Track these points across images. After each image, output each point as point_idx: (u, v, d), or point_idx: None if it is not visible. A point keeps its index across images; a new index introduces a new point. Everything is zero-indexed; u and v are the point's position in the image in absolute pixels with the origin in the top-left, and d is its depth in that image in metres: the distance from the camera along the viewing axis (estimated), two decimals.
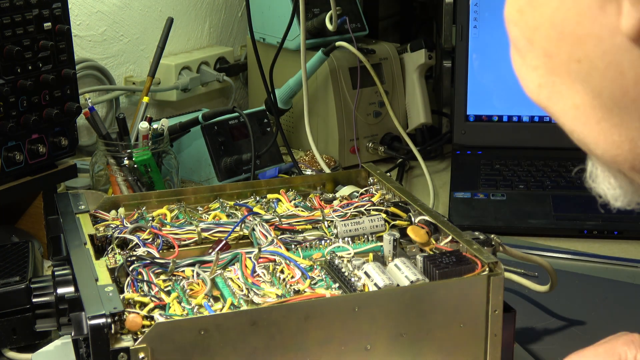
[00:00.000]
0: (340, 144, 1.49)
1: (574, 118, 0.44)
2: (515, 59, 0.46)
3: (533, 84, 0.45)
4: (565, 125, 0.45)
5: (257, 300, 0.72)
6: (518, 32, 0.45)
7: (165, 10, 1.60)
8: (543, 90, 0.45)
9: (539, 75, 0.44)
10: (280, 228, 0.86)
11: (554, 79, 0.44)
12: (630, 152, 0.43)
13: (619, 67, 0.40)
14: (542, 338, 0.97)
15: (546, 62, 0.44)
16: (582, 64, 0.42)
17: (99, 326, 0.64)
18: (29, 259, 0.95)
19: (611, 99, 0.42)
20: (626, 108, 0.41)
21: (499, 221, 1.27)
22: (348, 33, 1.47)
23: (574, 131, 0.45)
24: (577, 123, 0.44)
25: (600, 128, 0.43)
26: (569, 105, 0.44)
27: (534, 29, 0.43)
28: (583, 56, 0.41)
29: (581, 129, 0.44)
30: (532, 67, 0.45)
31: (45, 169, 1.13)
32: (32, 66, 1.07)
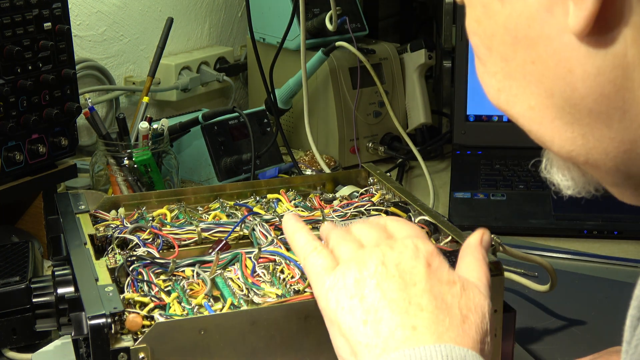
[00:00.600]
0: (340, 144, 1.49)
1: (530, 119, 0.48)
2: (478, 67, 0.50)
3: (493, 89, 0.48)
4: (524, 126, 0.48)
5: (257, 300, 0.72)
6: (478, 41, 0.48)
7: (165, 10, 1.60)
8: (502, 94, 0.48)
9: (498, 80, 0.48)
10: (280, 228, 0.86)
11: (510, 82, 0.47)
12: (583, 147, 0.46)
13: (568, 64, 0.43)
14: (542, 338, 0.97)
15: (504, 66, 0.47)
16: (535, 65, 0.45)
17: (99, 326, 0.64)
18: (29, 259, 0.95)
19: (562, 97, 0.45)
20: (577, 105, 0.44)
21: (499, 221, 1.27)
22: (348, 33, 1.47)
23: (531, 131, 0.48)
24: (533, 123, 0.48)
25: (554, 126, 0.46)
26: (525, 107, 0.47)
27: (491, 36, 0.47)
28: (536, 57, 0.44)
29: (537, 128, 0.48)
30: (491, 73, 0.48)
31: (45, 169, 1.13)
32: (32, 66, 1.07)
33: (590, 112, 0.44)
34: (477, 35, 0.48)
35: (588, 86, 0.43)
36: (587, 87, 0.43)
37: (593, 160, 0.46)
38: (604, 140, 0.45)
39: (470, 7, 0.48)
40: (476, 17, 0.47)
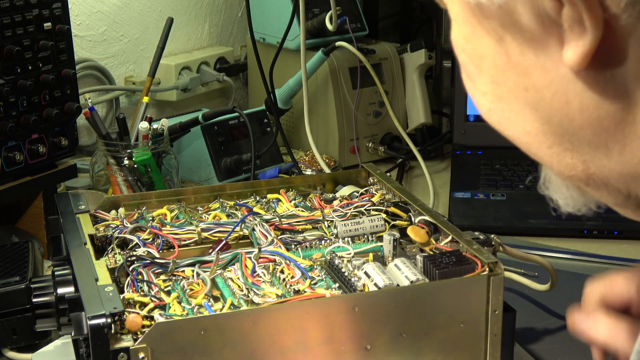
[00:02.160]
0: (340, 144, 1.49)
1: (526, 143, 0.45)
2: (466, 82, 0.46)
3: (484, 107, 0.46)
4: (520, 146, 0.46)
5: (257, 300, 0.72)
6: (466, 58, 0.45)
7: (165, 10, 1.60)
8: (493, 115, 0.46)
9: (489, 100, 0.45)
10: (280, 228, 0.86)
11: (502, 105, 0.44)
12: (583, 172, 0.44)
13: (564, 96, 0.41)
14: (542, 338, 0.97)
15: (494, 88, 0.44)
16: (529, 92, 0.42)
17: (99, 326, 0.64)
18: (29, 259, 0.95)
19: (560, 125, 0.42)
20: (575, 134, 0.42)
21: (499, 221, 1.27)
22: (348, 33, 1.47)
23: (528, 152, 0.46)
24: (530, 147, 0.45)
25: (552, 152, 0.44)
26: (520, 130, 0.45)
27: (481, 57, 0.44)
28: (530, 85, 0.42)
29: (535, 152, 0.45)
30: (481, 92, 0.45)
31: (45, 169, 1.13)
32: (32, 66, 1.07)
33: (589, 143, 0.42)
34: (465, 52, 0.45)
35: (586, 118, 0.41)
36: (584, 119, 0.41)
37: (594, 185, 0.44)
38: (603, 170, 0.43)
39: (457, 23, 0.44)
40: (464, 34, 0.44)
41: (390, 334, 0.71)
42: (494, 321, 0.74)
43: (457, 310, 0.73)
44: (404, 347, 0.72)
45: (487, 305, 0.74)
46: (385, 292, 0.72)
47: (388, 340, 0.71)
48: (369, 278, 0.74)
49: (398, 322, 0.71)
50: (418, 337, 0.72)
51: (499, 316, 0.74)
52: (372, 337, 0.71)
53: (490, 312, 0.74)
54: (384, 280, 0.73)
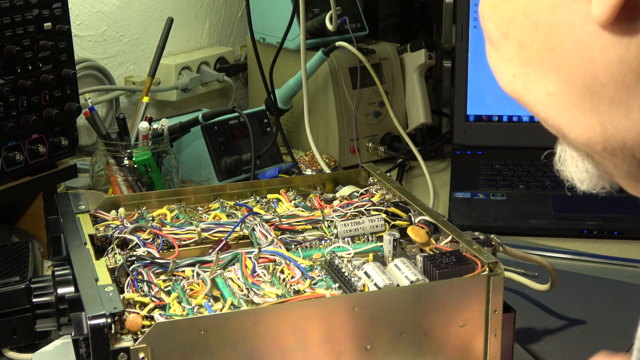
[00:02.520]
0: (340, 144, 1.49)
1: (547, 106, 0.46)
2: (491, 54, 0.48)
3: (508, 75, 0.47)
4: (540, 113, 0.47)
5: (257, 300, 0.72)
6: (493, 26, 0.47)
7: (165, 10, 1.60)
8: (517, 80, 0.47)
9: (514, 66, 0.47)
10: (280, 228, 0.86)
11: (527, 69, 0.46)
12: (601, 135, 0.45)
13: (589, 53, 0.42)
14: (542, 338, 0.97)
15: (520, 53, 0.46)
16: (555, 52, 0.44)
17: (99, 326, 0.64)
18: (29, 259, 0.95)
19: (582, 84, 0.44)
20: (597, 93, 0.43)
21: (499, 221, 1.27)
22: (348, 33, 1.47)
23: (548, 118, 0.47)
24: (550, 110, 0.46)
25: (573, 114, 0.45)
26: (543, 93, 0.46)
27: (509, 22, 0.45)
28: (556, 44, 0.43)
29: (555, 116, 0.46)
30: (507, 59, 0.47)
31: (45, 169, 1.13)
32: (32, 66, 1.07)
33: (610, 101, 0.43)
34: (492, 20, 0.47)
35: (609, 74, 0.42)
36: (608, 75, 0.42)
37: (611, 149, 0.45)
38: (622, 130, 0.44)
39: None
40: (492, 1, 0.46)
41: (390, 334, 0.71)
42: (494, 321, 0.74)
43: (457, 310, 0.73)
44: (403, 347, 0.72)
45: (487, 305, 0.74)
46: (385, 292, 0.72)
47: (388, 340, 0.71)
48: (369, 278, 0.74)
49: (398, 322, 0.71)
50: (418, 337, 0.72)
51: (499, 316, 0.74)
52: (372, 337, 0.71)
53: (490, 312, 0.74)
54: (384, 280, 0.73)
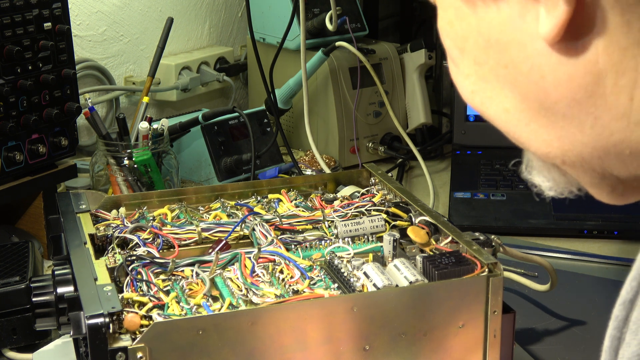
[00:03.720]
0: (340, 144, 1.49)
1: (506, 121, 0.47)
2: (451, 68, 0.49)
3: (467, 91, 0.48)
4: (500, 127, 0.48)
5: (255, 300, 0.72)
6: (450, 43, 0.48)
7: (165, 10, 1.60)
8: (476, 96, 0.48)
9: (472, 82, 0.47)
10: (280, 228, 0.86)
11: (484, 85, 0.47)
12: (559, 149, 0.46)
13: (540, 70, 0.43)
14: (542, 338, 0.97)
15: (477, 69, 0.46)
16: (508, 70, 0.44)
17: (97, 326, 0.64)
18: (29, 259, 0.95)
19: (537, 101, 0.44)
20: (550, 109, 0.44)
21: (499, 221, 1.27)
22: (348, 33, 1.47)
23: (508, 132, 0.48)
24: (509, 125, 0.47)
25: (530, 129, 0.46)
26: (500, 109, 0.47)
27: (464, 39, 0.46)
28: (509, 62, 0.44)
29: (514, 130, 0.47)
30: (465, 75, 0.48)
31: (45, 169, 1.13)
32: (32, 66, 1.07)
33: (564, 117, 0.44)
34: (449, 37, 0.48)
35: (560, 92, 0.43)
36: (559, 93, 0.43)
37: (570, 162, 0.46)
38: (577, 145, 0.45)
39: (442, 9, 0.47)
40: (448, 19, 0.47)
41: (389, 334, 0.71)
42: (493, 322, 0.74)
43: (456, 311, 0.73)
44: (402, 347, 0.72)
45: (486, 306, 0.74)
46: (384, 293, 0.72)
47: (387, 340, 0.71)
48: (368, 278, 0.74)
49: (397, 323, 0.71)
50: (417, 337, 0.72)
51: (498, 317, 0.74)
52: (371, 338, 0.71)
53: (490, 312, 0.74)
54: (383, 281, 0.73)
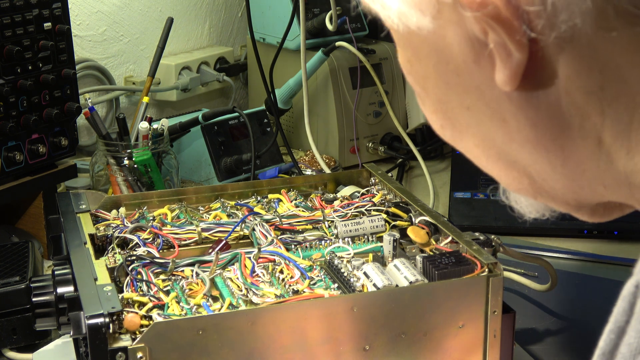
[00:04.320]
0: (340, 144, 1.49)
1: (476, 157, 0.47)
2: (419, 101, 0.48)
3: (436, 125, 0.47)
4: (472, 160, 0.48)
5: (255, 300, 0.72)
6: (412, 81, 0.46)
7: (165, 10, 1.60)
8: (445, 131, 0.47)
9: (439, 118, 0.47)
10: (280, 228, 0.86)
11: (452, 122, 0.46)
12: (530, 186, 0.45)
13: (501, 115, 0.42)
14: (542, 338, 0.97)
15: (441, 107, 0.45)
16: (471, 111, 0.44)
17: (96, 326, 0.64)
18: (29, 259, 0.95)
19: (502, 143, 0.44)
20: (516, 151, 0.43)
21: (499, 221, 1.27)
22: (348, 33, 1.47)
23: (479, 166, 0.47)
24: (480, 161, 0.47)
25: (499, 167, 0.46)
26: (470, 145, 0.46)
27: (425, 78, 0.45)
28: (471, 104, 0.43)
29: (484, 166, 0.47)
30: (431, 110, 0.47)
31: (45, 169, 1.13)
32: (32, 66, 1.07)
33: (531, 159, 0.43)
34: (410, 75, 0.46)
35: (524, 137, 0.42)
36: (523, 137, 0.42)
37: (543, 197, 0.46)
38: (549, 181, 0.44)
39: (400, 48, 0.46)
40: (407, 57, 0.45)
41: (389, 334, 0.71)
42: (493, 322, 0.74)
43: (456, 311, 0.73)
44: (402, 347, 0.72)
45: (486, 306, 0.74)
46: (384, 293, 0.72)
47: (387, 340, 0.71)
48: (368, 278, 0.74)
49: (397, 323, 0.71)
50: (417, 337, 0.72)
51: (498, 317, 0.74)
52: (371, 338, 0.71)
53: (490, 312, 0.74)
54: (382, 281, 0.73)
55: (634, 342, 0.40)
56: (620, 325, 0.41)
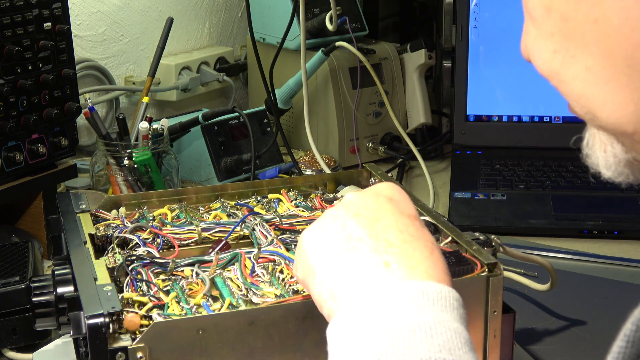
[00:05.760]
0: (340, 144, 1.49)
1: (584, 81, 0.47)
2: (530, 32, 0.49)
3: (548, 51, 0.48)
4: (575, 89, 0.47)
5: (255, 300, 0.72)
6: (536, 2, 0.47)
7: (165, 10, 1.60)
8: (557, 56, 0.47)
9: (555, 41, 0.47)
10: (280, 228, 0.86)
11: (568, 43, 0.46)
12: (634, 114, 0.45)
13: (632, 22, 0.43)
14: (542, 338, 0.97)
15: (562, 26, 0.46)
16: (598, 24, 0.44)
17: (96, 325, 0.64)
18: (29, 259, 0.95)
19: (622, 57, 0.44)
20: (635, 65, 0.44)
21: (499, 221, 1.27)
22: (348, 33, 1.47)
23: (583, 95, 0.47)
24: (587, 85, 0.47)
25: (608, 89, 0.46)
26: (582, 67, 0.46)
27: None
28: (600, 14, 0.44)
29: (591, 91, 0.47)
30: (548, 34, 0.47)
31: (45, 169, 1.13)
32: (32, 66, 1.07)
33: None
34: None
35: None
36: None
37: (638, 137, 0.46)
38: None
39: None
40: None
41: None
42: (493, 322, 0.74)
43: None
44: None
45: (486, 306, 0.74)
46: None
47: None
48: None
49: None
50: None
51: (498, 317, 0.74)
52: None
53: (490, 312, 0.74)
54: None
55: None
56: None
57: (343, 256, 0.59)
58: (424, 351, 0.51)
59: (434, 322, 0.53)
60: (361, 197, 0.64)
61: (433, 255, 0.59)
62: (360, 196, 0.64)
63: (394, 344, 0.52)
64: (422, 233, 0.61)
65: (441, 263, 0.59)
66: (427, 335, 0.52)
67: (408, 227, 0.60)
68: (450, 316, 0.54)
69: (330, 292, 0.59)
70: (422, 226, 0.62)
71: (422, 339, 0.52)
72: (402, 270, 0.57)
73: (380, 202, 0.63)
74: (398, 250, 0.58)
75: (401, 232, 0.60)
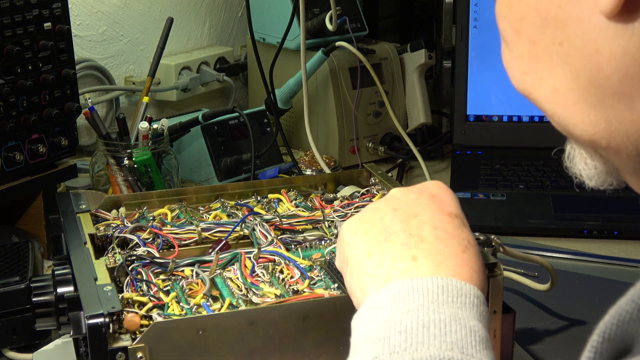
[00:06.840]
0: (340, 144, 1.49)
1: (553, 102, 0.48)
2: (505, 52, 0.51)
3: (519, 72, 0.50)
4: (547, 109, 0.49)
5: (255, 300, 0.72)
6: (507, 25, 0.49)
7: (165, 10, 1.60)
8: (527, 77, 0.49)
9: (524, 63, 0.49)
10: (280, 228, 0.86)
11: (537, 65, 0.48)
12: (605, 130, 0.46)
13: (595, 45, 0.44)
14: (542, 338, 0.97)
15: (531, 49, 0.48)
16: (563, 46, 0.46)
17: (96, 325, 0.64)
18: (29, 259, 0.95)
19: (588, 78, 0.45)
20: (601, 86, 0.45)
21: (499, 221, 1.27)
22: (348, 33, 1.47)
23: (554, 114, 0.49)
24: (556, 107, 0.48)
25: (577, 109, 0.47)
26: (550, 89, 0.48)
27: (521, 19, 0.48)
28: (565, 38, 0.45)
29: (561, 112, 0.48)
30: (518, 56, 0.49)
31: (45, 169, 1.13)
32: (32, 66, 1.07)
33: (614, 94, 0.45)
34: (506, 19, 0.49)
35: (614, 66, 0.44)
36: (612, 67, 0.44)
37: (615, 144, 0.47)
38: (625, 123, 0.45)
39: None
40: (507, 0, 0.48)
41: None
42: (493, 322, 0.74)
43: None
44: None
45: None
46: None
47: None
48: None
49: None
50: None
51: (498, 317, 0.74)
52: None
53: (490, 312, 0.74)
54: None
55: None
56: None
57: (375, 248, 0.61)
58: (435, 348, 0.51)
59: (450, 319, 0.53)
60: (404, 192, 0.65)
61: (465, 253, 0.60)
62: (404, 191, 0.66)
63: (407, 340, 0.52)
64: (458, 231, 0.62)
65: (473, 262, 0.59)
66: (441, 332, 0.52)
67: (445, 224, 0.62)
68: (469, 313, 0.55)
69: (359, 282, 0.61)
70: (462, 225, 0.63)
71: (435, 335, 0.52)
72: (428, 265, 0.58)
73: (422, 199, 0.64)
74: (429, 245, 0.59)
75: (435, 229, 0.61)
